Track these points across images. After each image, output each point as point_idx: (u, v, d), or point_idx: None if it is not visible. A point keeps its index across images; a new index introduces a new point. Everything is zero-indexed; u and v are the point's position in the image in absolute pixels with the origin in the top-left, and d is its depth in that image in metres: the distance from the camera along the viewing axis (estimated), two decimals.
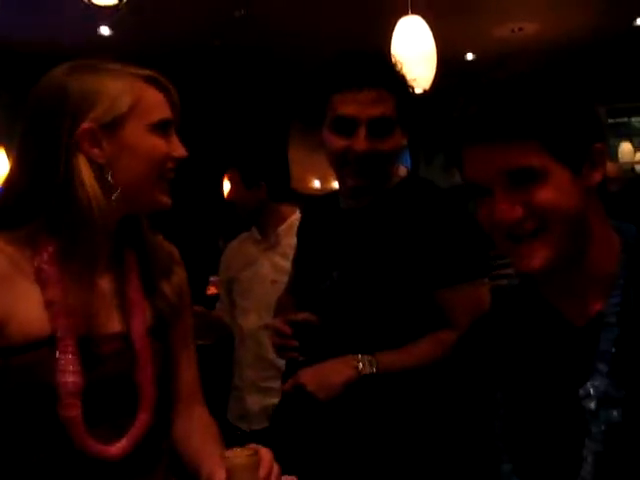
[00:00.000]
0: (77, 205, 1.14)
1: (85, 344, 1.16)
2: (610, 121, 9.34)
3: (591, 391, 0.96)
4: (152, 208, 1.26)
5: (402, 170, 1.78)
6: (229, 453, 1.12)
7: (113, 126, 1.18)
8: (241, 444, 1.16)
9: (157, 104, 1.23)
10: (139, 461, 1.21)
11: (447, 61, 4.24)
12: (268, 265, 2.74)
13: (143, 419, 1.21)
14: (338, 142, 1.65)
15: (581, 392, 0.97)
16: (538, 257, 0.99)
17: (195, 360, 1.38)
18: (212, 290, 6.26)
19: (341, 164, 1.68)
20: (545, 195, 0.96)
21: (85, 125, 1.15)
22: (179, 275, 1.34)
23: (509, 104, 0.96)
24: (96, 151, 1.17)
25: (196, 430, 1.33)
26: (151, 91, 1.23)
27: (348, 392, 1.59)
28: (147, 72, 1.24)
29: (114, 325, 1.22)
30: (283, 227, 2.75)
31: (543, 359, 1.06)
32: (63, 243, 1.17)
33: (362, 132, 1.62)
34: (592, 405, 0.96)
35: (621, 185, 3.18)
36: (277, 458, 1.17)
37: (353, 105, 1.61)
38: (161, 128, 1.22)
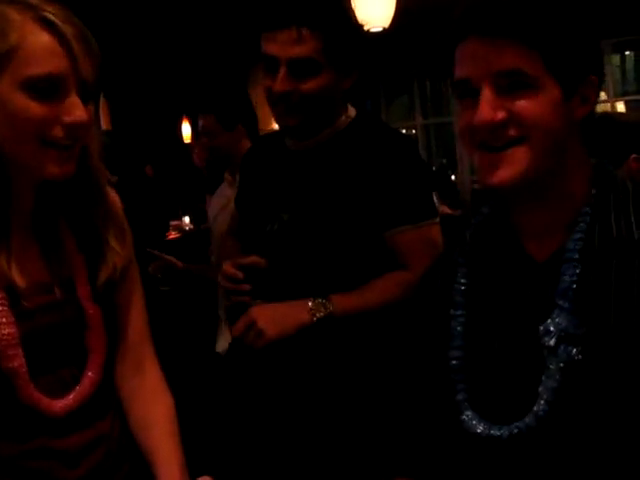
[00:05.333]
0: None
1: (15, 297, 1.11)
2: None
3: (551, 328, 0.96)
4: (42, 178, 1.11)
5: (351, 111, 1.74)
6: None
7: None
8: None
9: (41, 55, 1.01)
10: (85, 415, 1.18)
11: None
12: None
13: (91, 377, 1.18)
14: (264, 81, 1.64)
15: (541, 328, 0.97)
16: (510, 169, 0.97)
17: (142, 309, 1.33)
18: (172, 235, 6.27)
19: (270, 103, 1.66)
20: (532, 106, 0.95)
21: None
22: (125, 226, 1.27)
23: (516, 2, 0.95)
24: None
25: (148, 408, 1.29)
26: (38, 36, 1.01)
27: (302, 335, 1.58)
28: (44, 11, 1.02)
29: (44, 280, 1.16)
30: None
31: (505, 294, 1.05)
32: None
33: (282, 72, 1.58)
34: (551, 342, 0.95)
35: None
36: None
37: (274, 45, 1.58)
38: (43, 86, 1.02)
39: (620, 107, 8.87)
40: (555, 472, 0.97)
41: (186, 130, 7.54)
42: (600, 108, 9.15)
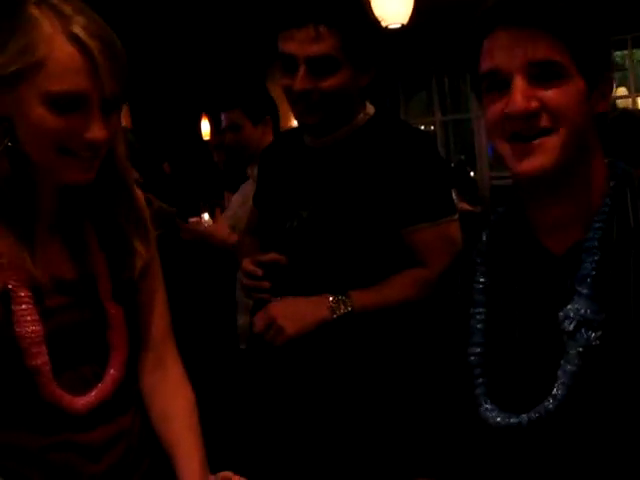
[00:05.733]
0: None
1: (39, 295, 1.12)
2: None
3: (570, 313, 0.98)
4: (63, 183, 1.13)
5: (370, 108, 1.74)
6: None
7: (10, 82, 1.03)
8: None
9: (66, 71, 1.02)
10: (107, 411, 1.20)
11: None
12: None
13: (113, 375, 1.20)
14: (283, 81, 1.64)
15: (560, 314, 0.99)
16: (541, 158, 0.99)
17: (164, 307, 1.34)
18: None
19: (290, 102, 1.66)
20: (562, 96, 0.98)
21: None
22: (149, 225, 1.28)
23: None
24: None
25: (169, 402, 1.30)
26: (65, 52, 1.02)
27: (322, 331, 1.59)
28: (74, 24, 1.03)
29: (67, 278, 1.17)
30: None
31: (524, 288, 1.07)
32: None
33: (301, 71, 1.58)
34: (571, 327, 0.97)
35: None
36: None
37: (292, 43, 1.58)
38: (65, 102, 1.03)
39: None
40: (574, 457, 0.98)
41: (205, 127, 7.56)
42: (621, 104, 9.08)
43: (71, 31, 1.03)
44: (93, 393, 1.17)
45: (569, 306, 0.98)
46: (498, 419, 1.02)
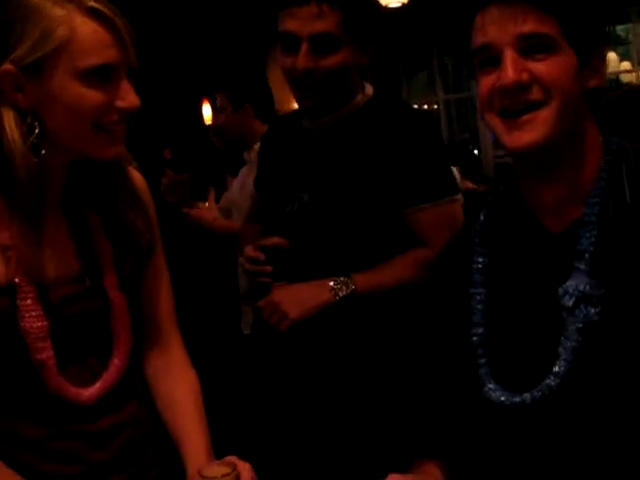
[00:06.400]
0: (3, 153, 1.05)
1: (44, 289, 1.12)
2: None
3: (570, 289, 0.98)
4: (95, 158, 1.14)
5: (369, 89, 1.73)
6: (205, 471, 1.09)
7: (36, 69, 1.03)
8: None
9: (94, 45, 1.04)
10: (112, 400, 1.20)
11: None
12: None
13: (117, 364, 1.19)
14: (284, 60, 1.62)
15: (560, 290, 0.99)
16: (533, 132, 0.99)
17: (169, 297, 1.34)
18: None
19: (291, 82, 1.64)
20: (553, 68, 0.98)
21: (5, 67, 1.03)
22: (151, 208, 1.28)
23: None
24: (19, 96, 1.05)
25: (174, 386, 1.30)
26: (89, 27, 1.04)
27: (325, 314, 1.58)
28: (88, 2, 1.04)
29: (73, 269, 1.17)
30: None
31: (523, 267, 1.06)
32: (3, 190, 1.09)
33: (303, 48, 1.57)
34: (570, 302, 0.97)
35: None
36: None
37: (294, 21, 1.57)
38: (97, 75, 1.05)
39: None
40: (578, 433, 0.98)
41: (207, 111, 7.51)
42: (625, 78, 9.00)
43: (89, 6, 1.04)
44: (98, 384, 1.17)
45: (568, 282, 0.98)
46: (502, 398, 1.02)
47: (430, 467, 1.11)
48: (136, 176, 1.27)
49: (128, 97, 1.09)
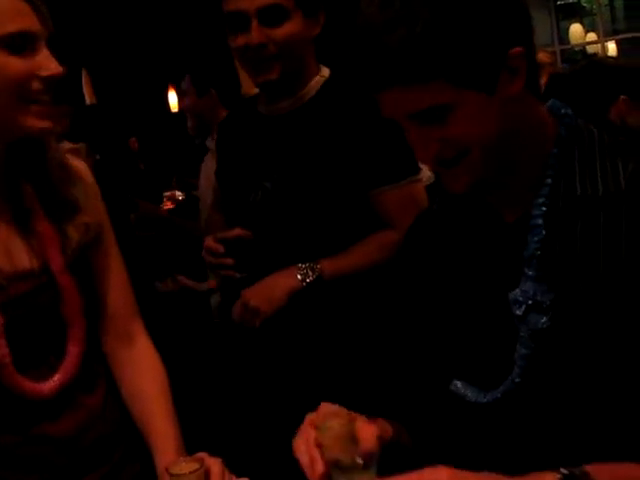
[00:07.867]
0: None
1: None
2: (559, 2, 9.21)
3: (519, 297, 0.96)
4: (24, 134, 1.11)
5: (325, 71, 1.71)
6: (173, 469, 1.06)
7: None
8: None
9: (10, 13, 1.05)
10: (74, 391, 1.18)
11: None
12: None
13: (73, 351, 1.17)
14: (235, 40, 1.61)
15: (510, 297, 0.97)
16: (460, 182, 0.98)
17: (123, 277, 1.31)
18: (168, 205, 6.19)
19: (245, 61, 1.63)
20: (457, 127, 0.92)
21: None
22: (95, 191, 1.26)
23: (399, 50, 0.89)
24: None
25: (139, 378, 1.28)
26: None
27: (294, 301, 1.58)
28: None
29: (24, 262, 1.15)
30: None
31: (477, 258, 1.04)
32: None
33: (254, 23, 1.56)
34: (520, 312, 0.95)
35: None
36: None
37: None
38: (14, 43, 1.05)
39: (612, 47, 8.76)
40: (534, 434, 0.98)
41: (172, 99, 7.42)
42: (592, 49, 9.06)
43: None
44: (57, 375, 1.15)
45: (517, 290, 0.96)
46: (468, 394, 1.02)
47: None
48: (77, 163, 1.25)
49: (50, 65, 1.08)
